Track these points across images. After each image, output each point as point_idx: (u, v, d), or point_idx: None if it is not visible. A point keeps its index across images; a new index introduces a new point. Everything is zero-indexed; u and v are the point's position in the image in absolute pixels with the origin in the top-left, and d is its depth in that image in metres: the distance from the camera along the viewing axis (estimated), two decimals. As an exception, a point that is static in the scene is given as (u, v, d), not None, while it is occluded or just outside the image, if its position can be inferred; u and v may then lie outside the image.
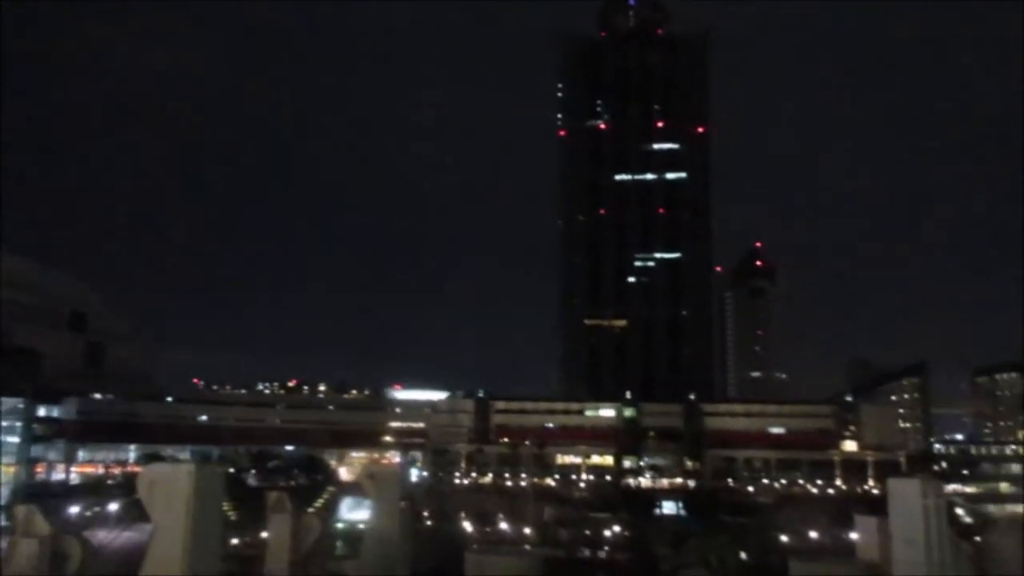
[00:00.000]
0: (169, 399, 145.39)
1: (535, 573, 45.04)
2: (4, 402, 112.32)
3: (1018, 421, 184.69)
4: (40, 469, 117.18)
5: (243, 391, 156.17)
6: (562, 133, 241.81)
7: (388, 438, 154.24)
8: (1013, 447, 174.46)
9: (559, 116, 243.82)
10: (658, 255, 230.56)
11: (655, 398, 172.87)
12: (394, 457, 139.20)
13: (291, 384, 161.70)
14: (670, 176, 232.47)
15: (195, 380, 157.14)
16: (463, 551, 54.24)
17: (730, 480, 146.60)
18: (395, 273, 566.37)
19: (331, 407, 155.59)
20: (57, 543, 45.45)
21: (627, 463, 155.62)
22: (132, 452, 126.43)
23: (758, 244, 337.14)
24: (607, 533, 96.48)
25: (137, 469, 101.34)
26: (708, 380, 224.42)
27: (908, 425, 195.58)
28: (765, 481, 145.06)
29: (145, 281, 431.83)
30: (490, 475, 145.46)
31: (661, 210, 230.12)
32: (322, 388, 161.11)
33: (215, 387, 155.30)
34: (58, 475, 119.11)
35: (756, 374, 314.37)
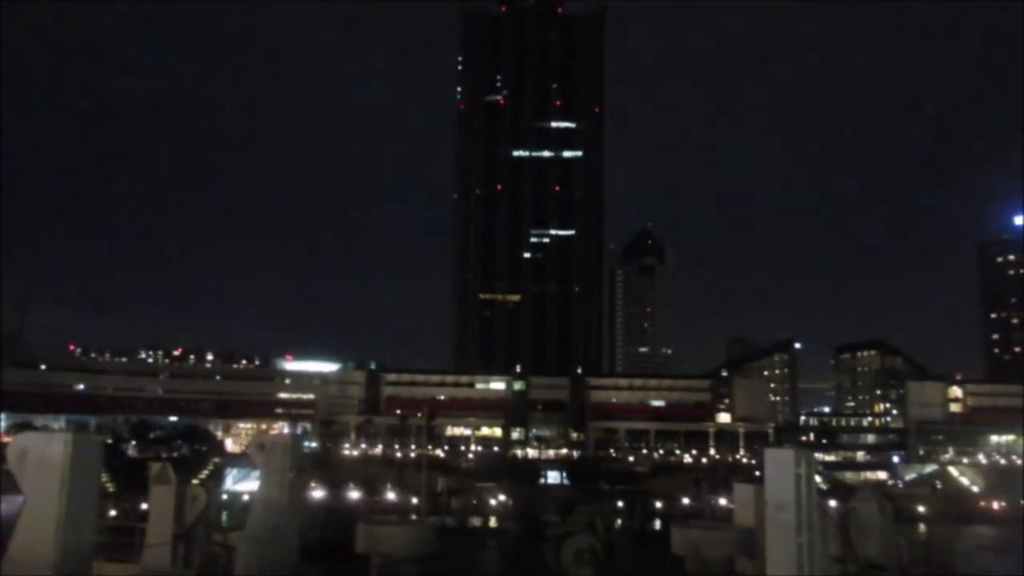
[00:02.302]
0: (43, 367, 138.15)
1: (427, 542, 45.83)
2: None
3: (875, 395, 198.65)
4: None
5: (123, 359, 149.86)
6: (461, 106, 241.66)
7: (277, 409, 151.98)
8: (869, 419, 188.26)
9: (458, 89, 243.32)
10: (552, 232, 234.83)
11: (545, 371, 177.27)
12: (283, 428, 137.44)
13: (176, 352, 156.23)
14: (566, 154, 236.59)
15: (70, 346, 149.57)
16: (353, 521, 54.48)
17: (612, 450, 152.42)
18: (290, 242, 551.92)
19: (218, 377, 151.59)
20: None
21: (515, 435, 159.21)
22: (1, 421, 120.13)
23: (649, 224, 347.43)
24: (493, 502, 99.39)
25: (7, 439, 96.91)
26: (597, 354, 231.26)
27: (777, 399, 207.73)
28: (644, 451, 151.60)
29: (17, 240, 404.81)
30: (380, 446, 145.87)
31: (556, 187, 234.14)
32: (209, 357, 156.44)
33: (93, 354, 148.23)
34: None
35: (643, 349, 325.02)
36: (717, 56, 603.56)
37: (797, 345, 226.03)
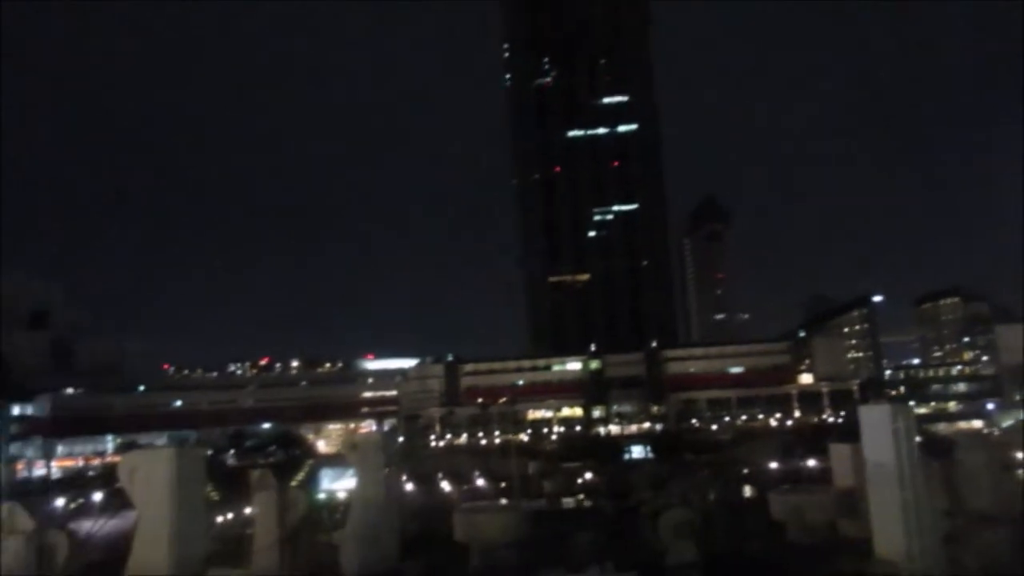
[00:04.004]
0: (141, 388, 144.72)
1: (522, 527, 46.41)
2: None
3: (962, 343, 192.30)
4: (20, 467, 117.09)
5: (214, 374, 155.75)
6: (511, 92, 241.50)
7: (362, 408, 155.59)
8: (959, 368, 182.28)
9: (507, 76, 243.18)
10: (615, 208, 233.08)
11: (620, 348, 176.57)
12: (370, 426, 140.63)
13: (262, 363, 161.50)
14: (621, 129, 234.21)
15: (165, 366, 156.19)
16: (449, 512, 55.18)
17: (694, 421, 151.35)
18: (357, 245, 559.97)
19: (303, 382, 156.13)
20: (42, 538, 46.36)
21: (596, 413, 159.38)
22: (109, 443, 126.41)
23: (711, 188, 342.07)
24: (582, 482, 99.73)
25: (116, 459, 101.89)
26: (671, 327, 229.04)
27: (859, 355, 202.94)
28: (727, 419, 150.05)
29: (105, 273, 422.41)
30: (464, 436, 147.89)
31: (614, 163, 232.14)
32: (294, 364, 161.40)
33: (186, 372, 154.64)
34: (38, 471, 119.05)
35: (719, 316, 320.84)
36: (769, 16, 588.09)
37: (875, 299, 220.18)
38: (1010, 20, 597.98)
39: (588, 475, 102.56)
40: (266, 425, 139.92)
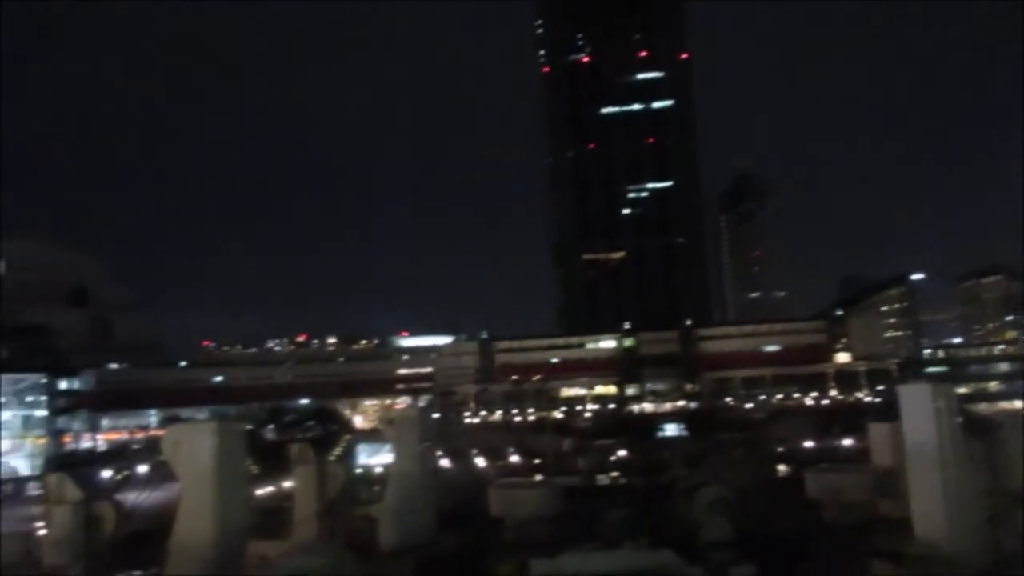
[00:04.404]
0: (183, 363, 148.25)
1: (556, 502, 46.79)
2: (26, 378, 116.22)
3: (1004, 322, 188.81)
4: (67, 439, 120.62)
5: (253, 350, 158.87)
6: (545, 70, 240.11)
7: (398, 385, 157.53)
8: (1000, 347, 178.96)
9: (540, 53, 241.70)
10: (649, 185, 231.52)
11: (653, 327, 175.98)
12: (405, 402, 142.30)
13: (300, 339, 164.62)
14: (656, 105, 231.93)
15: (205, 342, 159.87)
16: (484, 487, 55.69)
17: (728, 399, 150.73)
18: (394, 223, 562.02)
19: (340, 359, 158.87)
20: (90, 508, 47.64)
21: (629, 391, 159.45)
22: (152, 417, 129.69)
23: (746, 166, 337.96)
24: (615, 459, 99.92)
25: (159, 432, 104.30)
26: (706, 305, 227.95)
27: (897, 333, 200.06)
28: (761, 398, 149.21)
29: (146, 250, 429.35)
30: (498, 412, 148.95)
31: (649, 140, 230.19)
32: (331, 341, 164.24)
33: (225, 348, 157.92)
34: (85, 444, 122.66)
35: (755, 295, 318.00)
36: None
37: (914, 276, 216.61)
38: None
39: (622, 452, 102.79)
40: (304, 401, 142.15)
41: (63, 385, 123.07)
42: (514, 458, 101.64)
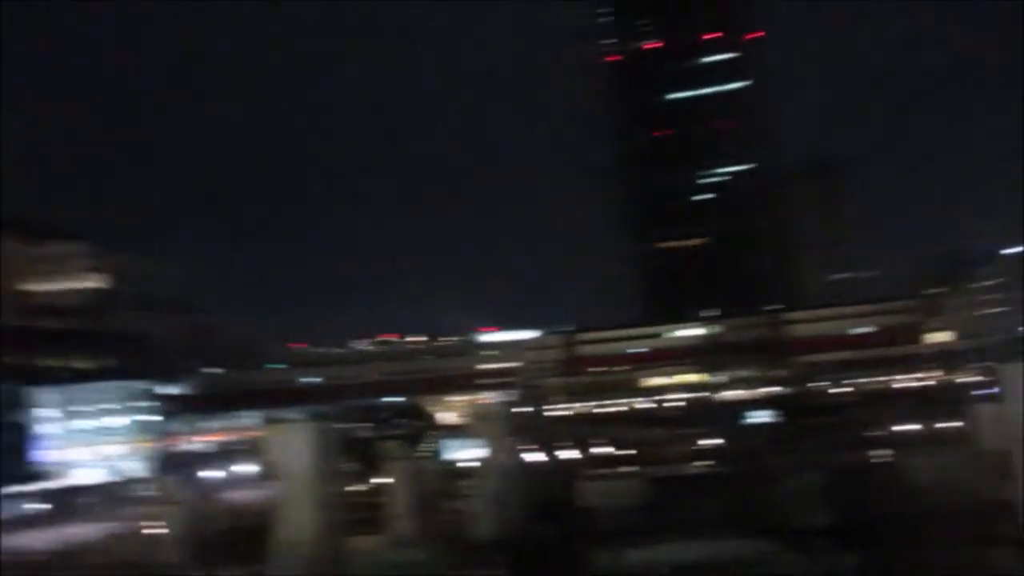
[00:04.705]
0: (278, 365, 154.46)
1: (646, 492, 46.75)
2: (133, 384, 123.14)
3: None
4: (173, 442, 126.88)
5: (343, 350, 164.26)
6: (612, 59, 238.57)
7: (483, 379, 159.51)
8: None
9: (605, 42, 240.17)
10: (724, 168, 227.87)
11: (737, 312, 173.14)
12: (491, 397, 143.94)
13: (387, 338, 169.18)
14: (729, 87, 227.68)
15: (298, 344, 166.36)
16: (574, 478, 56.20)
17: (817, 383, 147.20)
18: (473, 218, 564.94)
19: (426, 356, 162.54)
20: (198, 506, 50.03)
21: (715, 378, 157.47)
22: (252, 418, 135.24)
23: (829, 142, 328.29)
24: (703, 447, 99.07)
25: (258, 433, 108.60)
26: (791, 288, 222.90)
27: (996, 311, 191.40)
28: (853, 381, 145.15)
29: (242, 256, 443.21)
30: (582, 404, 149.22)
31: (723, 122, 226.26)
32: (416, 339, 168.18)
33: (318, 349, 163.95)
34: (190, 446, 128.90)
35: (842, 275, 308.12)
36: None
37: (1012, 250, 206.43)
38: None
39: (709, 440, 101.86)
40: (392, 398, 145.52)
41: (168, 390, 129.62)
42: (601, 449, 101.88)
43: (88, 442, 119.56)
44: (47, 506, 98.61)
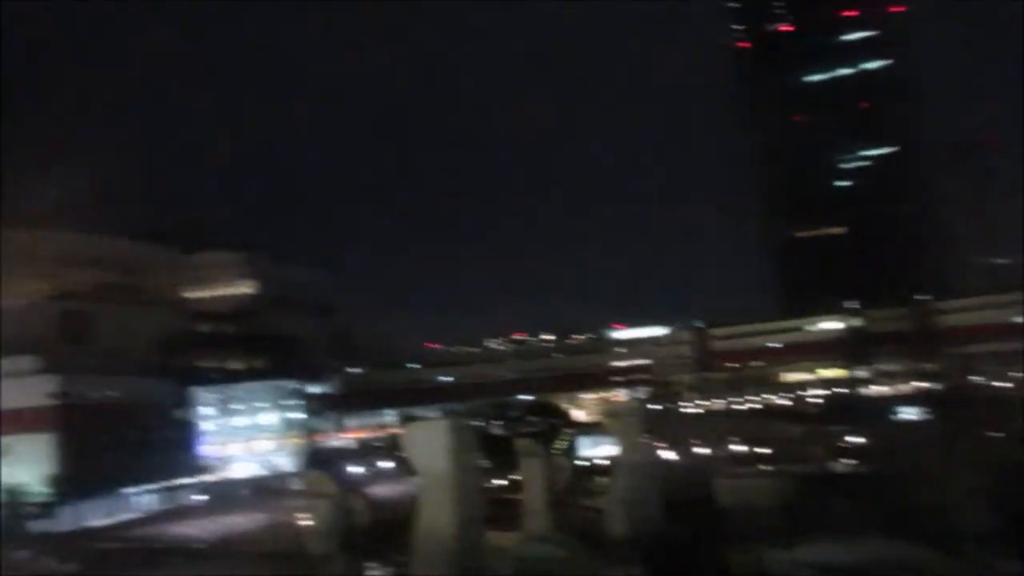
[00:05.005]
0: (414, 365, 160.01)
1: (789, 492, 45.34)
2: (283, 383, 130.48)
3: None
4: (319, 438, 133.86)
5: (476, 349, 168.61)
6: (742, 44, 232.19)
7: (615, 377, 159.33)
8: None
9: (734, 27, 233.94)
10: (867, 152, 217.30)
11: (881, 303, 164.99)
12: (623, 395, 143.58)
13: (518, 336, 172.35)
14: (869, 66, 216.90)
15: (433, 344, 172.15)
16: (710, 477, 55.05)
17: (973, 377, 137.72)
18: (602, 215, 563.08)
19: (557, 354, 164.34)
20: (344, 500, 52.24)
21: (859, 373, 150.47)
22: (389, 416, 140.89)
23: (979, 121, 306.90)
24: (848, 445, 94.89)
25: (396, 430, 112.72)
26: (941, 276, 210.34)
27: None
28: (1016, 374, 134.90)
29: (379, 261, 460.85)
30: (717, 401, 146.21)
31: (864, 104, 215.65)
32: (547, 337, 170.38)
33: (451, 348, 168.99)
34: (334, 442, 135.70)
35: (999, 261, 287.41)
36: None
37: None
38: None
39: (855, 438, 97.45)
40: (525, 396, 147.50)
41: (313, 389, 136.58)
42: (738, 447, 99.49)
43: (242, 438, 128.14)
44: (206, 497, 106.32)
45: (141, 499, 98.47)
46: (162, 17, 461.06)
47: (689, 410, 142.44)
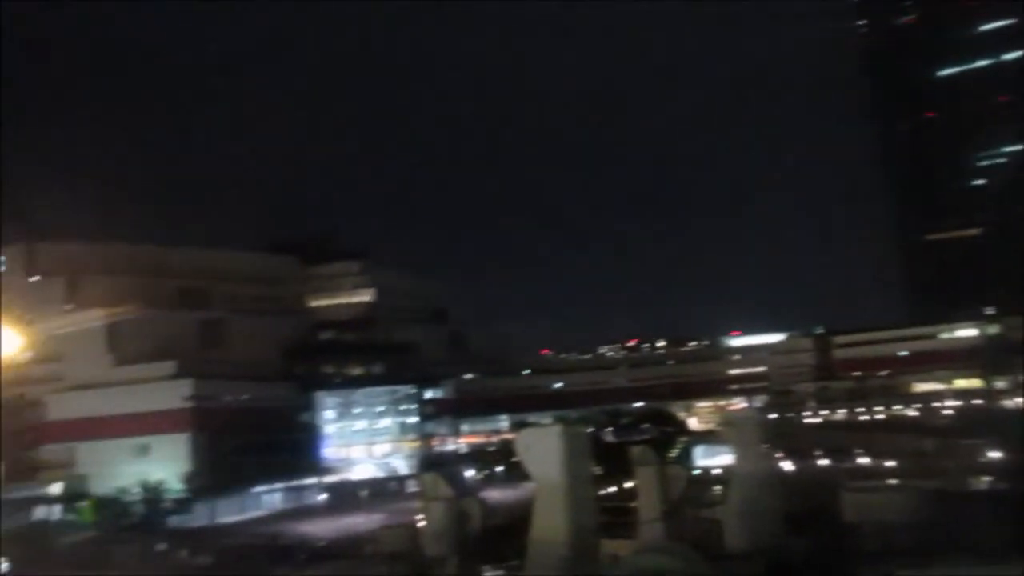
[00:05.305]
0: (526, 371, 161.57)
1: (923, 508, 43.11)
2: (400, 389, 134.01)
3: None
4: (434, 442, 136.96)
5: (588, 356, 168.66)
6: (867, 39, 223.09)
7: (731, 385, 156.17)
8: None
9: (860, 23, 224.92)
10: (1007, 148, 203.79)
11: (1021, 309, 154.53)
12: (740, 403, 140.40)
13: (631, 343, 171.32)
14: (1007, 57, 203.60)
15: (544, 351, 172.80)
16: (835, 490, 53.08)
17: None
18: (719, 218, 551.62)
19: (671, 361, 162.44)
20: (459, 504, 52.77)
21: (998, 383, 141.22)
22: (503, 422, 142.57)
23: None
24: (988, 460, 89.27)
25: (510, 436, 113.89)
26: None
27: None
28: None
29: (492, 268, 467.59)
30: (840, 411, 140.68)
31: (1002, 98, 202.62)
32: (661, 344, 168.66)
33: (563, 355, 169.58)
34: (448, 447, 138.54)
35: None
36: None
37: None
38: None
39: (993, 453, 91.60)
40: (638, 404, 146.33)
41: (428, 394, 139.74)
42: (864, 460, 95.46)
43: (362, 441, 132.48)
44: (328, 497, 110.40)
45: (268, 498, 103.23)
46: (299, 31, 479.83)
47: (810, 420, 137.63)
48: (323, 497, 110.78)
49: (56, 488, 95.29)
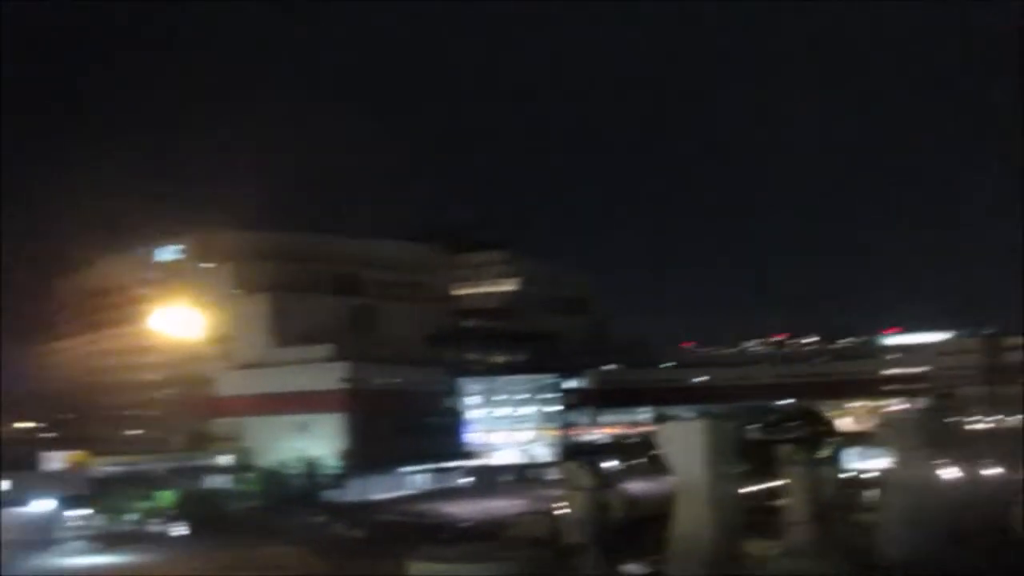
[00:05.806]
0: (668, 364, 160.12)
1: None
2: (542, 377, 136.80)
3: None
4: (574, 432, 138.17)
5: (732, 350, 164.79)
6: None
7: (887, 385, 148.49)
8: None
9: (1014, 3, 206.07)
10: None
11: None
12: (898, 404, 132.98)
13: (778, 338, 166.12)
14: None
15: (687, 343, 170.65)
16: (1006, 503, 50.22)
17: None
18: (882, 208, 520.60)
19: (821, 358, 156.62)
20: (600, 494, 52.93)
21: None
22: (643, 413, 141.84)
23: None
24: None
25: (650, 428, 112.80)
26: None
27: None
28: None
29: (633, 257, 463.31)
30: (1011, 418, 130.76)
31: None
32: (810, 339, 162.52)
33: (706, 349, 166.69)
34: (588, 436, 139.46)
35: None
36: None
37: None
38: None
39: None
40: (785, 401, 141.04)
41: (570, 384, 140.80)
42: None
43: (504, 428, 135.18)
44: (471, 480, 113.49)
45: (414, 478, 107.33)
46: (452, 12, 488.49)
47: (977, 426, 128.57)
48: (466, 480, 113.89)
49: (226, 459, 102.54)
